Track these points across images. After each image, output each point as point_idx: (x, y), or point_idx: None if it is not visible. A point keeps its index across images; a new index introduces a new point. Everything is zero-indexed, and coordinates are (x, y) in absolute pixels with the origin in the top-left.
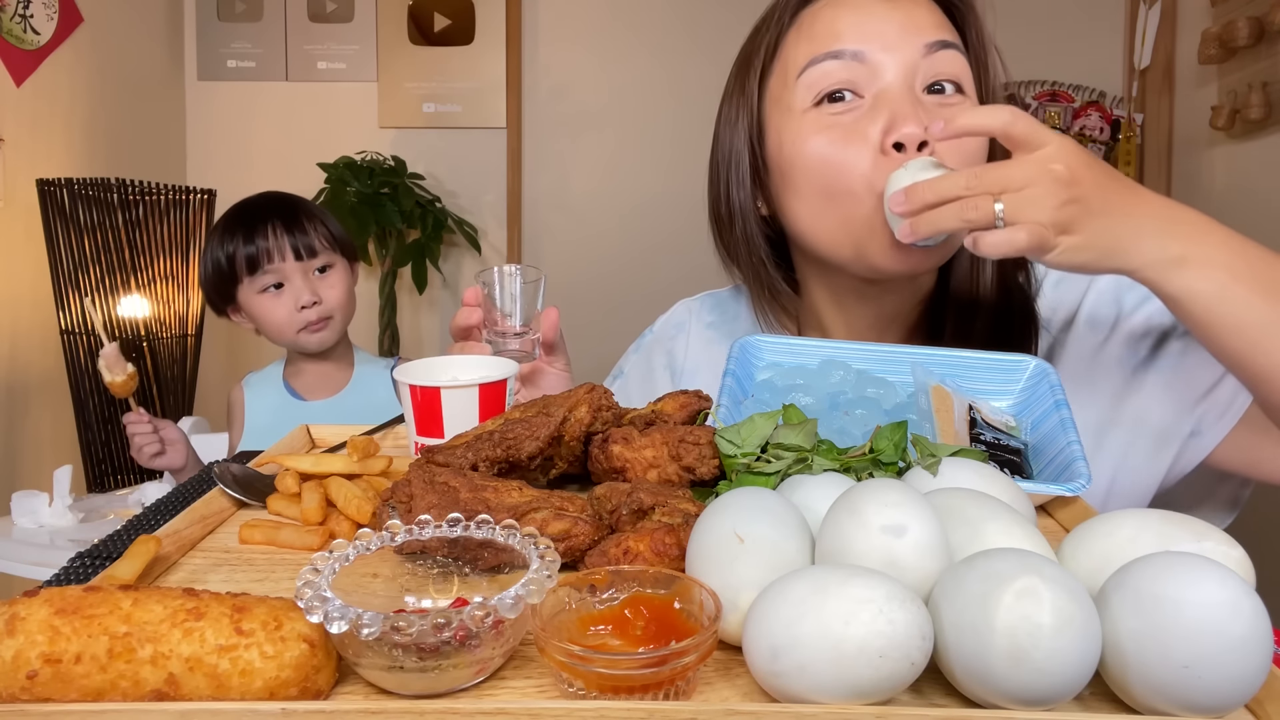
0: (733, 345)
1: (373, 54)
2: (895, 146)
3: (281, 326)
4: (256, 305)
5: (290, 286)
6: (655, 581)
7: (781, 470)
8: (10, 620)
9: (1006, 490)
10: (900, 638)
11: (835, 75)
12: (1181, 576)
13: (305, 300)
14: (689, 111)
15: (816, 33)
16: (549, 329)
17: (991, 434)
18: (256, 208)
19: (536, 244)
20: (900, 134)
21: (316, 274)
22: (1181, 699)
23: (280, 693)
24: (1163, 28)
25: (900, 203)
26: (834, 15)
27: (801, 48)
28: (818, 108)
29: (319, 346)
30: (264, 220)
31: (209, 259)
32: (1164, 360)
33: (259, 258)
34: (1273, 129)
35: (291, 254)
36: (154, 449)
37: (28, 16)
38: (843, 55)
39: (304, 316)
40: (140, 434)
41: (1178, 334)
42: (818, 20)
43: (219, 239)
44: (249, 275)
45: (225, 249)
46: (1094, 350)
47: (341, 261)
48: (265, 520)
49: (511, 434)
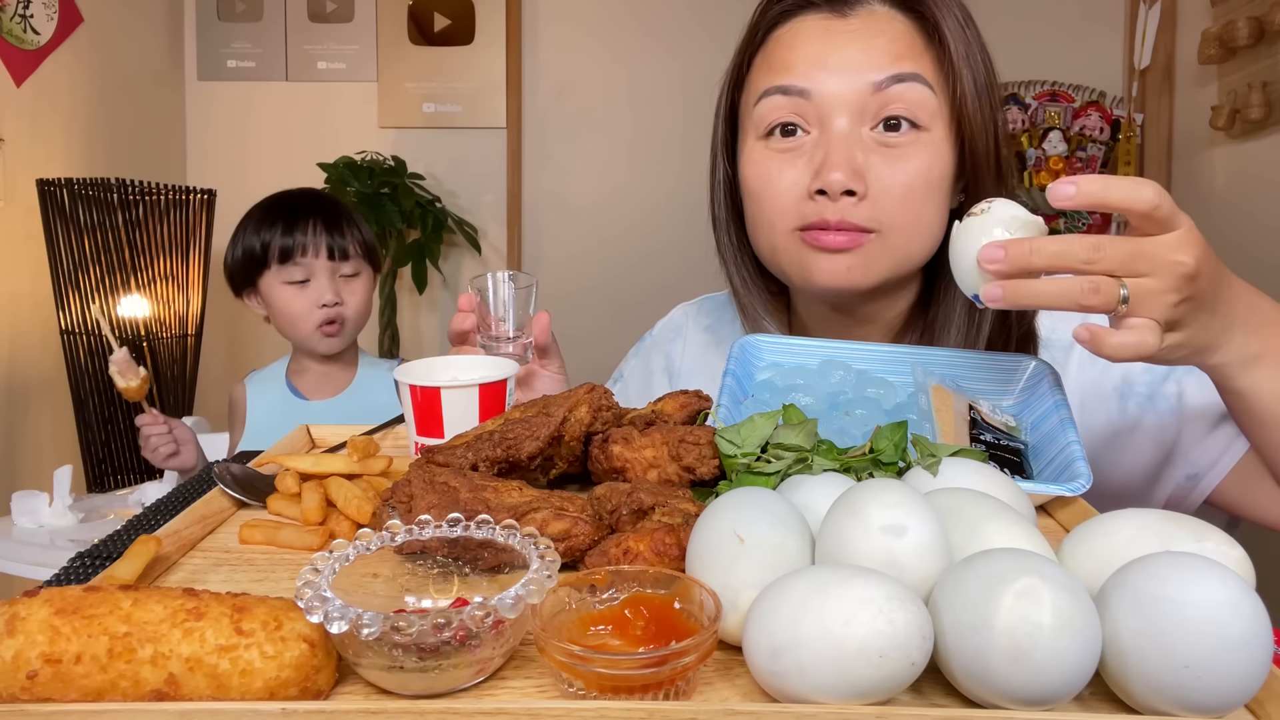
0: (732, 345)
1: (373, 54)
2: (819, 192)
3: (298, 321)
4: (278, 295)
5: (315, 284)
6: (655, 581)
7: (781, 470)
8: (10, 620)
9: (1006, 490)
10: (900, 638)
11: (782, 110)
12: (1182, 576)
13: (328, 299)
14: (690, 111)
15: (774, 62)
16: (540, 333)
17: (991, 434)
18: (299, 202)
19: (536, 244)
20: (824, 180)
21: (343, 278)
22: (1181, 699)
23: (280, 693)
24: (1163, 28)
25: (996, 260)
26: (790, 44)
27: (761, 75)
28: (767, 138)
29: (330, 350)
30: (305, 215)
31: (242, 242)
32: (1162, 402)
33: (293, 250)
34: (1273, 129)
35: (325, 253)
36: (169, 449)
37: (28, 16)
38: (790, 91)
39: (322, 315)
40: (156, 435)
41: (1175, 377)
42: (778, 47)
43: (256, 224)
44: (279, 264)
45: (261, 235)
46: (1094, 380)
47: (368, 271)
48: (265, 520)
49: (511, 434)
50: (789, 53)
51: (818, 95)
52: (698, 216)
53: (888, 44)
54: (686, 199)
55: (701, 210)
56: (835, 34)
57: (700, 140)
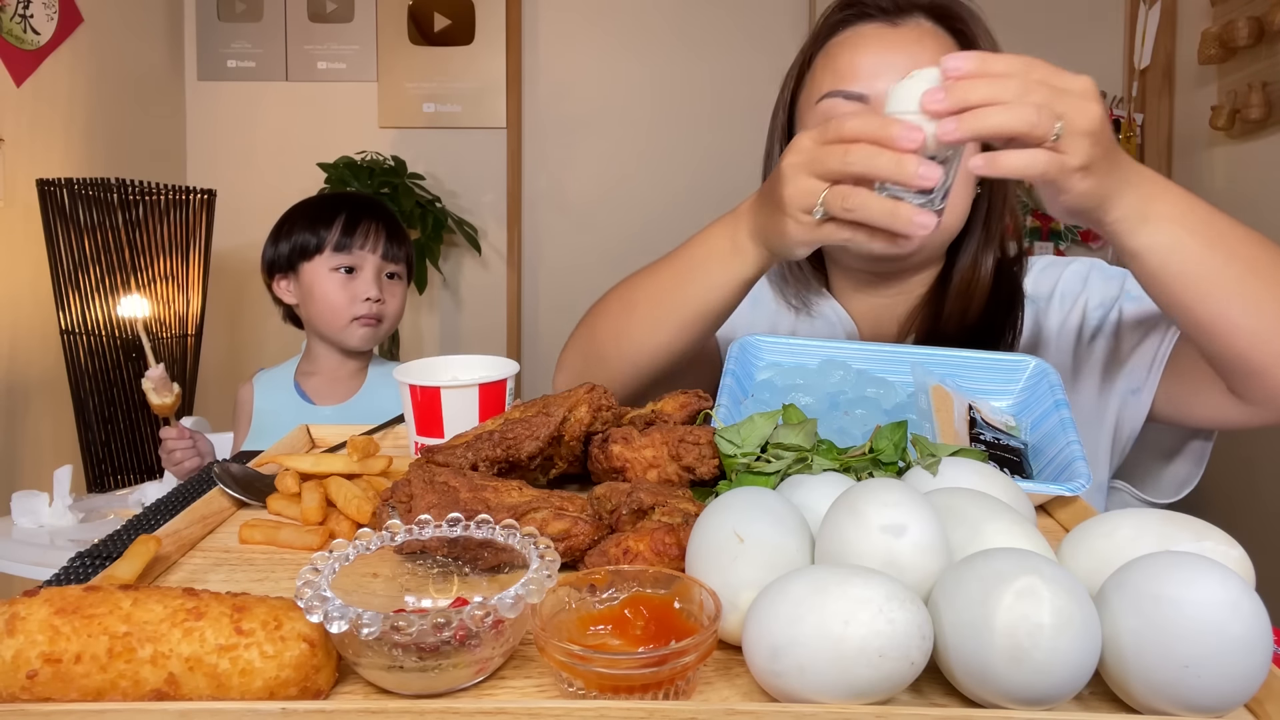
0: (731, 345)
1: (373, 54)
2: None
3: (338, 309)
4: (322, 281)
5: (362, 276)
6: (655, 581)
7: (781, 470)
8: (10, 620)
9: (1006, 490)
10: (900, 637)
11: (842, 111)
12: (1181, 576)
13: (372, 294)
14: (690, 111)
15: (836, 66)
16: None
17: (991, 434)
18: (362, 204)
19: (536, 244)
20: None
21: (386, 278)
22: (1181, 699)
23: (280, 692)
24: (1163, 28)
25: (938, 100)
26: (853, 52)
27: (824, 77)
28: None
29: (362, 344)
30: (366, 216)
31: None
32: (1108, 326)
33: (352, 240)
34: (1273, 129)
35: (381, 250)
36: (194, 463)
37: (28, 16)
38: (851, 95)
39: (364, 308)
40: (181, 449)
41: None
42: (840, 53)
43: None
44: (332, 250)
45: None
46: (1061, 319)
47: (406, 280)
48: (265, 520)
49: (511, 434)
50: (851, 59)
51: (875, 100)
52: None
53: (931, 56)
54: (687, 198)
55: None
56: (888, 41)
57: (700, 138)
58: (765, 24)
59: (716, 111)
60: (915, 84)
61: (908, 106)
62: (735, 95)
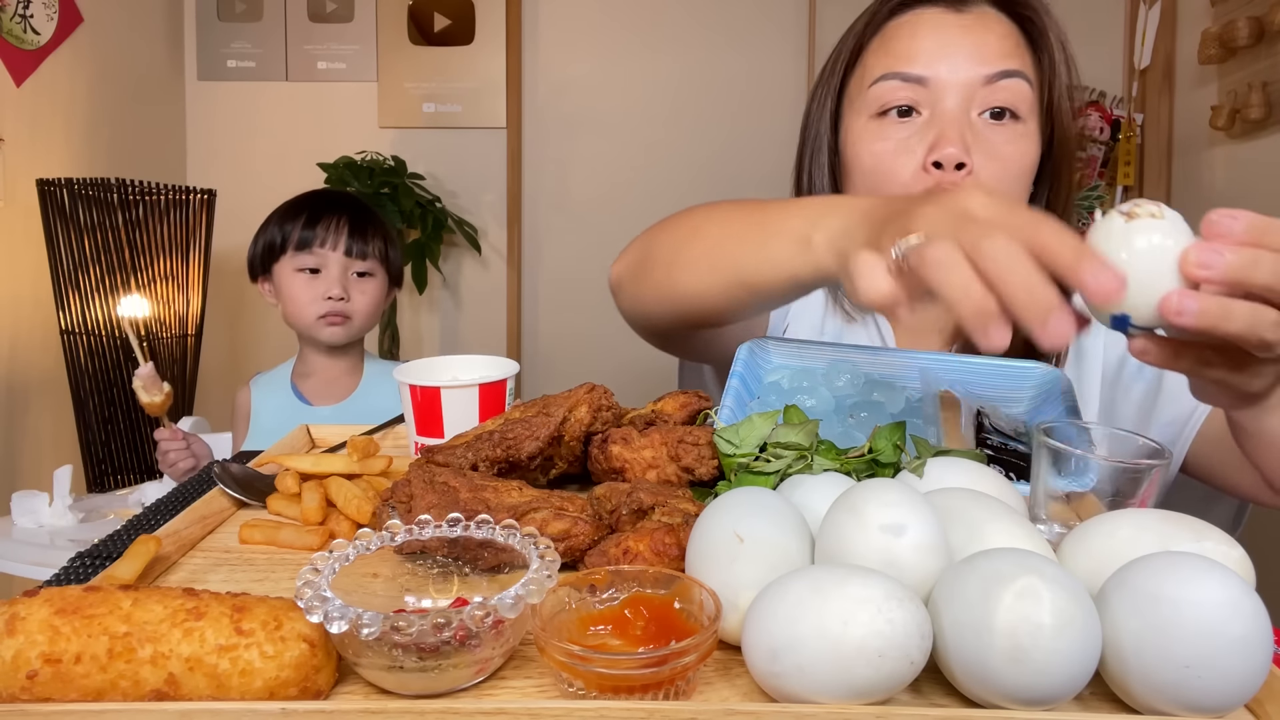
0: (740, 348)
1: (373, 54)
2: (935, 165)
3: (302, 308)
4: (288, 281)
5: (325, 275)
6: (655, 581)
7: (781, 470)
8: (10, 620)
9: (1005, 491)
10: (899, 637)
11: (900, 94)
12: (1181, 576)
13: (335, 293)
14: (690, 110)
15: (894, 49)
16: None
17: (999, 437)
18: (329, 200)
19: (536, 244)
20: (940, 154)
21: (355, 276)
22: (1181, 699)
23: (280, 693)
24: (1163, 28)
25: (1210, 267)
26: (912, 34)
27: (879, 59)
28: (881, 117)
29: (332, 340)
30: (331, 213)
31: (268, 230)
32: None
33: (312, 239)
34: (1273, 129)
35: (342, 248)
36: (188, 464)
37: (28, 16)
38: (910, 77)
39: (327, 307)
40: (175, 450)
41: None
42: (898, 36)
43: (284, 212)
44: (295, 251)
45: (285, 223)
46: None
47: (383, 276)
48: (265, 520)
49: (511, 434)
50: (911, 41)
51: (934, 82)
52: None
53: (997, 41)
54: (688, 198)
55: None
56: (950, 27)
57: (701, 138)
58: (765, 24)
59: (717, 111)
60: (1149, 231)
61: (1123, 253)
62: (736, 95)
